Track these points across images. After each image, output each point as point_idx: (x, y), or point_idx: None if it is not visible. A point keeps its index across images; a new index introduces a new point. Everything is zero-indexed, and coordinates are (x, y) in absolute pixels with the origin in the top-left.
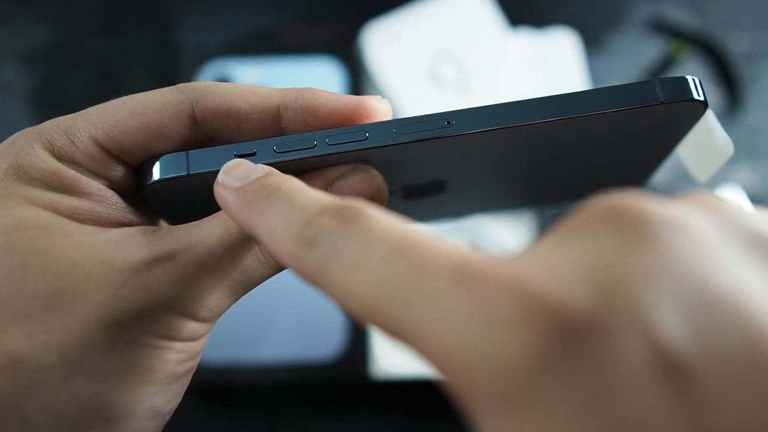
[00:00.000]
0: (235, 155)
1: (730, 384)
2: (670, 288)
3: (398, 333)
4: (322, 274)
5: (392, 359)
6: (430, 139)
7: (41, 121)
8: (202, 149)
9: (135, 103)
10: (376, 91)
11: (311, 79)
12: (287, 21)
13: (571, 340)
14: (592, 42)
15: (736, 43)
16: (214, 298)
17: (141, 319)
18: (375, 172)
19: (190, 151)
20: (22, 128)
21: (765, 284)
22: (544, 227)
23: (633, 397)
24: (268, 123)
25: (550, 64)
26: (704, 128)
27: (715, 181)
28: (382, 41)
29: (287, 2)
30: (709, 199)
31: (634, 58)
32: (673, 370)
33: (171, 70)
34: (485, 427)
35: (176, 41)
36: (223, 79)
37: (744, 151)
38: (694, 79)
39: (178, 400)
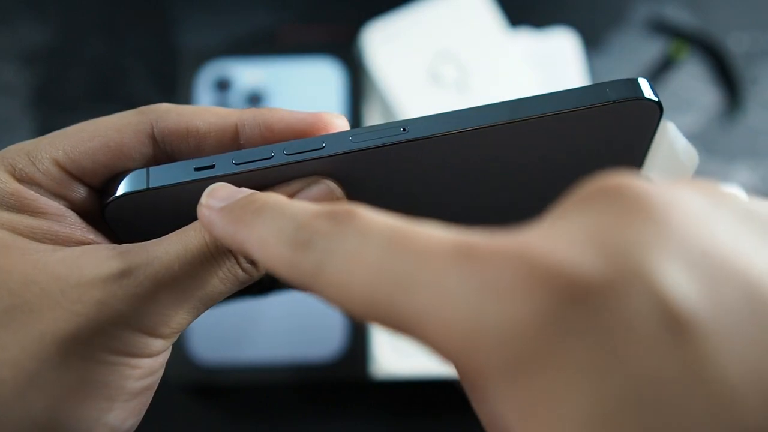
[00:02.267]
0: (194, 169)
1: (735, 334)
2: (673, 249)
3: (400, 323)
4: (318, 275)
5: (392, 359)
6: (386, 145)
7: (41, 122)
8: (162, 165)
9: (96, 125)
10: (376, 91)
11: (311, 79)
12: (287, 21)
13: (579, 302)
14: (592, 42)
15: (736, 43)
16: (172, 314)
17: (96, 335)
18: (333, 185)
19: (150, 167)
20: (22, 128)
21: (762, 249)
22: None
23: (644, 353)
24: (227, 141)
25: (550, 64)
26: (666, 141)
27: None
28: (382, 41)
29: (287, 2)
30: (693, 182)
31: (634, 58)
32: (681, 325)
33: (171, 70)
34: (499, 404)
35: (176, 41)
36: (223, 80)
37: (744, 151)
38: (645, 80)
39: (138, 418)
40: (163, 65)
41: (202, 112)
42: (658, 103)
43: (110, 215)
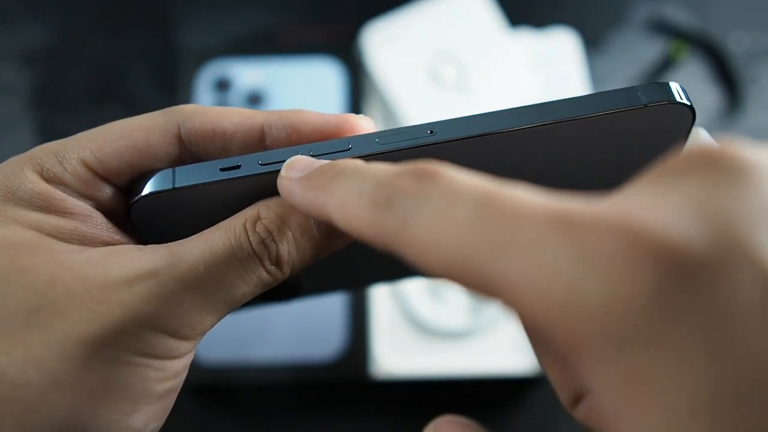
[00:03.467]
0: (220, 169)
1: None
2: None
3: (489, 287)
4: (402, 234)
5: (392, 359)
6: (413, 147)
7: (41, 121)
8: (188, 165)
9: (123, 125)
10: (376, 91)
11: (311, 79)
12: (287, 21)
13: (686, 279)
14: (592, 42)
15: (736, 43)
16: (196, 316)
17: (120, 336)
18: None
19: (176, 167)
20: (22, 128)
21: None
22: None
23: (755, 331)
24: (252, 142)
25: (550, 64)
26: None
27: None
28: (382, 41)
29: (287, 2)
30: None
31: (634, 58)
32: None
33: (171, 70)
34: (595, 378)
35: (176, 41)
36: (223, 80)
37: None
38: (677, 85)
39: (160, 422)
40: (163, 65)
41: (228, 113)
42: (691, 108)
43: (136, 215)
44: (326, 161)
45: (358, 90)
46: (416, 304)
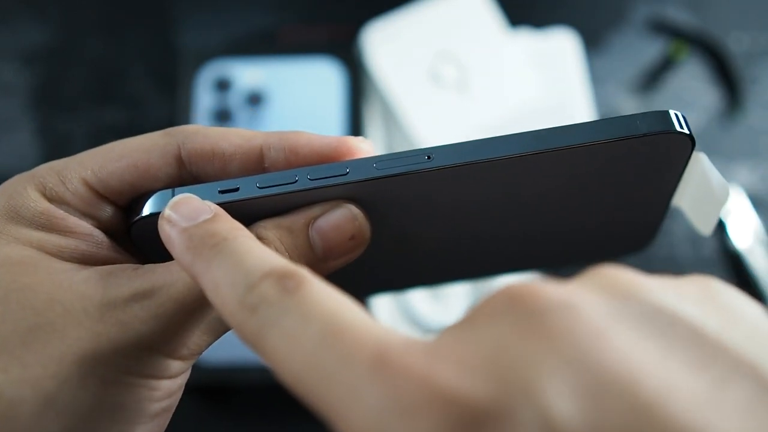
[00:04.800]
0: (219, 192)
1: None
2: (562, 370)
3: (322, 410)
4: (259, 342)
5: None
6: (410, 173)
7: (41, 122)
8: (188, 186)
9: (124, 145)
10: (376, 91)
11: (311, 79)
12: (287, 21)
13: (472, 427)
14: (592, 42)
15: (736, 43)
16: (192, 335)
17: (115, 356)
18: (356, 210)
19: (175, 188)
20: (22, 128)
21: (657, 356)
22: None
23: None
24: (251, 164)
25: (550, 64)
26: (698, 172)
27: None
28: (382, 41)
29: (287, 2)
30: (606, 276)
31: (634, 58)
32: None
33: (171, 70)
34: None
35: (176, 41)
36: (223, 80)
37: (744, 151)
38: (676, 113)
39: None
40: (163, 65)
41: (228, 134)
42: (690, 137)
43: (136, 234)
44: (212, 211)
45: (358, 90)
46: (416, 304)
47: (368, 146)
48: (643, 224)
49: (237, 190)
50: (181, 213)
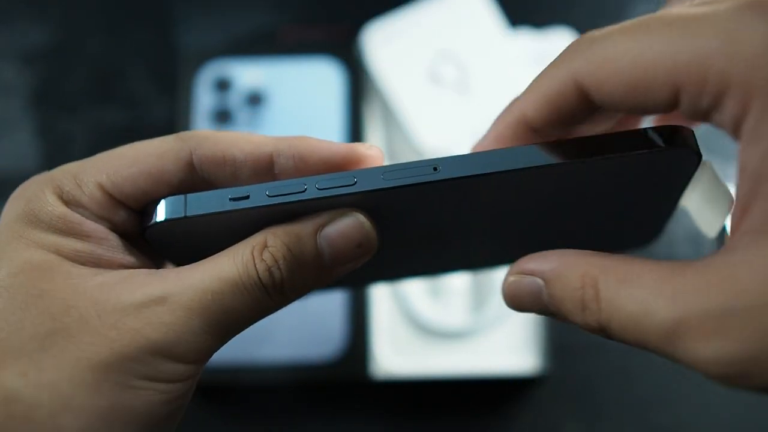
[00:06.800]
0: (230, 199)
1: None
2: None
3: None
4: (588, 61)
5: (392, 359)
6: (417, 184)
7: (41, 121)
8: (199, 193)
9: (137, 150)
10: (376, 91)
11: (311, 79)
12: (287, 21)
13: None
14: None
15: None
16: (201, 341)
17: (127, 361)
18: (363, 218)
19: (188, 195)
20: (22, 128)
21: None
22: None
23: None
24: (262, 169)
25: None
26: (704, 179)
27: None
28: (382, 41)
29: (287, 2)
30: None
31: None
32: None
33: (171, 70)
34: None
35: (176, 41)
36: (223, 80)
37: None
38: (685, 128)
39: None
40: (163, 65)
41: (238, 140)
42: (697, 153)
43: (151, 238)
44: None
45: (358, 90)
46: (416, 304)
47: (377, 152)
48: (648, 224)
49: (247, 198)
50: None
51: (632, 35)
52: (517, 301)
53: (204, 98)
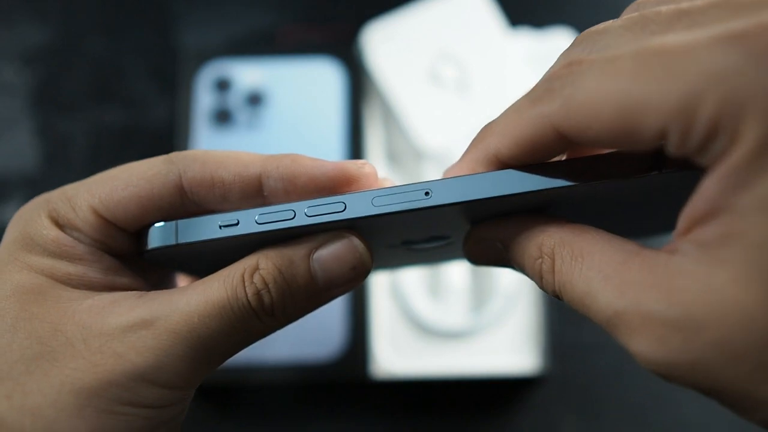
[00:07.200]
0: (219, 226)
1: None
2: None
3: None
4: (567, 107)
5: (392, 359)
6: (408, 211)
7: (41, 122)
8: (190, 219)
9: (129, 173)
10: (376, 91)
11: (311, 79)
12: (287, 21)
13: None
14: None
15: None
16: (187, 367)
17: (111, 387)
18: (357, 241)
19: (178, 222)
20: (22, 128)
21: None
22: None
23: None
24: (251, 191)
25: (551, 65)
26: None
27: None
28: (382, 41)
29: (287, 2)
30: None
31: None
32: None
33: (171, 70)
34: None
35: (176, 41)
36: (223, 80)
37: None
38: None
39: None
40: (163, 65)
41: (226, 161)
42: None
43: (150, 260)
44: None
45: (358, 90)
46: (416, 304)
47: (369, 170)
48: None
49: (237, 224)
50: None
51: (611, 75)
52: (479, 259)
53: (204, 98)
